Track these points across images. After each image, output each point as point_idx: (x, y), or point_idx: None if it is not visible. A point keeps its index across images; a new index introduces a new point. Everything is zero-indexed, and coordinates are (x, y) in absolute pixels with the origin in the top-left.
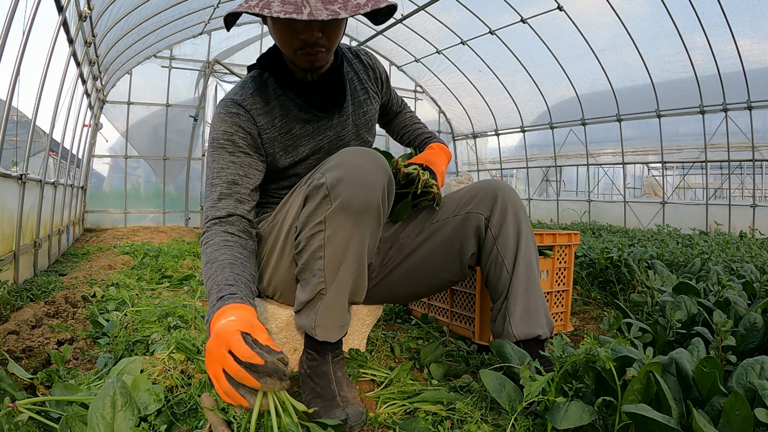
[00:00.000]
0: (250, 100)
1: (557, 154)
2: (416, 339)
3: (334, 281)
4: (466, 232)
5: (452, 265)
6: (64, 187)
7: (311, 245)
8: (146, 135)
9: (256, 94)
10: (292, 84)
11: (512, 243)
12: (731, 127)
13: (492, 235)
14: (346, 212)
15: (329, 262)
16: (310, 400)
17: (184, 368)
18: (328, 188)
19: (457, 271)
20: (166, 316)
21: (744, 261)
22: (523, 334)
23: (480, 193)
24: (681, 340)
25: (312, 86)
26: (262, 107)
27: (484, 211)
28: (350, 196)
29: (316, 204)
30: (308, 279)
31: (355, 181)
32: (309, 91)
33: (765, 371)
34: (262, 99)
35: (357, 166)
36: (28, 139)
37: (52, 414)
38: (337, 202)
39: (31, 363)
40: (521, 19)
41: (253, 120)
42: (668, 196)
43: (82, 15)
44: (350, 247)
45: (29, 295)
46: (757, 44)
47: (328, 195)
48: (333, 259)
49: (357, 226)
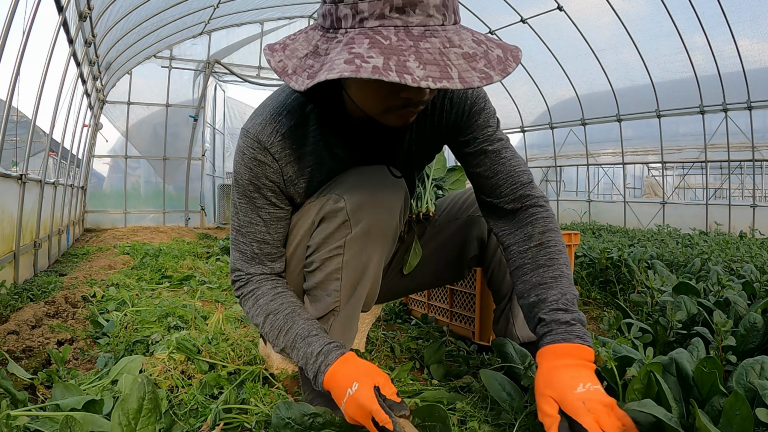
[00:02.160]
0: (280, 146)
1: (557, 154)
2: (416, 339)
3: (349, 300)
4: (468, 234)
5: (453, 267)
6: (64, 187)
7: (327, 267)
8: (146, 135)
9: (289, 135)
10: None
11: None
12: (731, 127)
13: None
14: (366, 238)
15: (346, 284)
16: (311, 400)
17: (185, 368)
18: (349, 214)
19: (457, 272)
20: (166, 316)
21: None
22: (526, 336)
23: None
24: (681, 340)
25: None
26: (293, 153)
27: None
28: (372, 223)
29: (335, 228)
30: (321, 296)
31: (376, 207)
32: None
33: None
34: (295, 142)
35: (378, 190)
36: (28, 139)
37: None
38: (358, 228)
39: (31, 363)
40: (521, 19)
41: (280, 171)
42: (668, 196)
43: (82, 15)
44: (368, 269)
45: (29, 295)
46: (757, 44)
47: (347, 220)
48: (350, 281)
49: (376, 250)
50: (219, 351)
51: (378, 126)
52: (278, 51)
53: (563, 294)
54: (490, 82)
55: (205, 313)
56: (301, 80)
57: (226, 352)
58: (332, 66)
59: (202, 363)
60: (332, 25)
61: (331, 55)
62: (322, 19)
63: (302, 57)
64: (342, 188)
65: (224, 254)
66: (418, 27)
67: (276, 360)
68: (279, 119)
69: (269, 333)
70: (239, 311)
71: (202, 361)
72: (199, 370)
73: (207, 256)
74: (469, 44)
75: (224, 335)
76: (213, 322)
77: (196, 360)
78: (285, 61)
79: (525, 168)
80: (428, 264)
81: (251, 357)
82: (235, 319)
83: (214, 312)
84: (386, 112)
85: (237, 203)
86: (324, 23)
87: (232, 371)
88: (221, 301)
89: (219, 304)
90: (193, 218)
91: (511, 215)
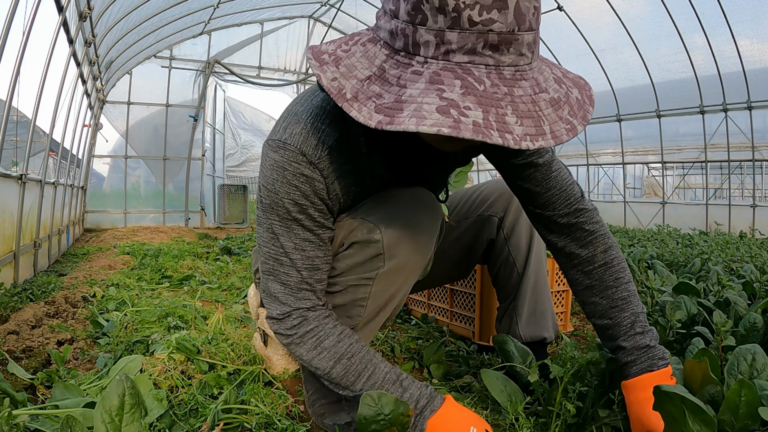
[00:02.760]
0: (327, 160)
1: (557, 154)
2: (416, 339)
3: (367, 324)
4: (478, 233)
5: (460, 265)
6: (64, 187)
7: (353, 294)
8: (146, 135)
9: (336, 148)
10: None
11: (524, 244)
12: (731, 127)
13: (504, 236)
14: (398, 272)
15: (369, 311)
16: (314, 400)
17: (185, 369)
18: (384, 248)
19: (463, 271)
20: (166, 316)
21: (744, 261)
22: (529, 336)
23: (493, 194)
24: (681, 340)
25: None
26: (340, 168)
27: (497, 213)
28: (407, 260)
29: (366, 258)
30: (340, 315)
31: (412, 243)
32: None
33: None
34: (342, 156)
35: (415, 222)
36: (28, 139)
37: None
38: (392, 263)
39: (31, 363)
40: None
41: (326, 189)
42: (668, 196)
43: (82, 15)
44: (394, 299)
45: (29, 295)
46: (757, 44)
47: (381, 254)
48: (373, 309)
49: (406, 283)
50: (219, 351)
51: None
52: (329, 64)
53: (636, 315)
54: (575, 134)
55: (205, 313)
56: (366, 111)
57: (226, 352)
58: (421, 113)
59: (201, 363)
60: (406, 49)
61: (410, 90)
62: (390, 36)
63: (363, 80)
64: (377, 216)
65: (224, 254)
66: (510, 68)
67: (277, 360)
68: (322, 128)
69: (342, 377)
70: (239, 311)
71: (201, 361)
72: (198, 370)
73: (207, 256)
74: (552, 86)
75: (224, 335)
76: (213, 322)
77: (196, 360)
78: (341, 80)
79: (573, 179)
80: (439, 265)
81: (251, 357)
82: (235, 319)
83: (214, 312)
84: (445, 141)
85: (274, 227)
86: (392, 42)
87: (232, 371)
88: (221, 301)
89: (219, 304)
90: (193, 218)
91: (565, 229)
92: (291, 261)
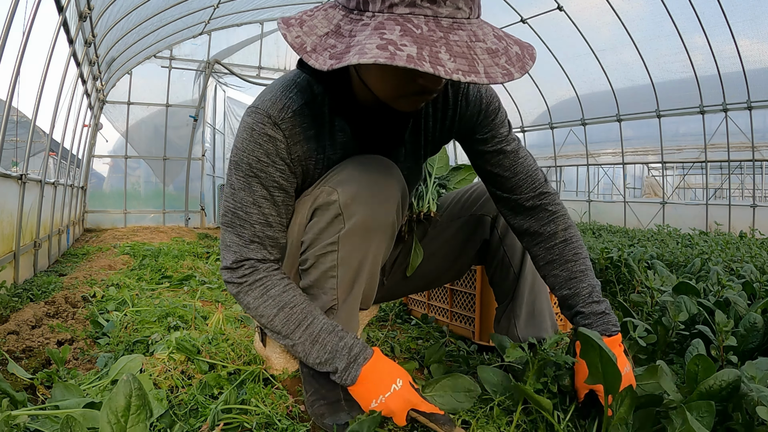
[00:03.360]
0: (290, 122)
1: (557, 154)
2: (416, 339)
3: (347, 298)
4: (471, 233)
5: (454, 266)
6: (64, 187)
7: (322, 264)
8: (146, 135)
9: (300, 112)
10: (347, 111)
11: (520, 244)
12: (731, 127)
13: (498, 236)
14: (360, 232)
15: (342, 282)
16: (314, 401)
17: (185, 368)
18: (341, 207)
19: (458, 271)
20: (166, 316)
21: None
22: (526, 337)
23: (486, 193)
24: (682, 340)
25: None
26: (303, 132)
27: (489, 212)
28: (365, 217)
29: (327, 222)
30: (318, 295)
31: (370, 199)
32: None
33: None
34: (305, 121)
35: (372, 181)
36: (28, 139)
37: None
38: (351, 222)
39: (31, 363)
40: (521, 20)
41: (288, 150)
42: (668, 196)
43: (82, 15)
44: (364, 266)
45: (29, 295)
46: (757, 44)
47: (340, 214)
48: (346, 279)
49: (372, 245)
50: (219, 351)
51: (384, 112)
52: (294, 26)
53: (593, 287)
54: (511, 78)
55: (205, 313)
56: (322, 59)
57: (226, 352)
58: (363, 50)
59: (202, 363)
60: (357, 7)
61: (358, 37)
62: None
63: (322, 35)
64: (336, 180)
65: None
66: (447, 18)
67: (276, 360)
68: (289, 95)
69: (283, 326)
70: (239, 311)
71: (202, 361)
72: (199, 370)
73: (207, 256)
74: (491, 39)
75: (224, 335)
76: (213, 322)
77: (196, 360)
78: (303, 37)
79: (538, 166)
80: (430, 264)
81: (251, 357)
82: (235, 319)
83: (214, 312)
84: (399, 97)
85: (236, 183)
86: (347, 3)
87: (232, 371)
88: (221, 301)
89: (219, 304)
90: (193, 218)
91: (529, 211)
92: (246, 214)
